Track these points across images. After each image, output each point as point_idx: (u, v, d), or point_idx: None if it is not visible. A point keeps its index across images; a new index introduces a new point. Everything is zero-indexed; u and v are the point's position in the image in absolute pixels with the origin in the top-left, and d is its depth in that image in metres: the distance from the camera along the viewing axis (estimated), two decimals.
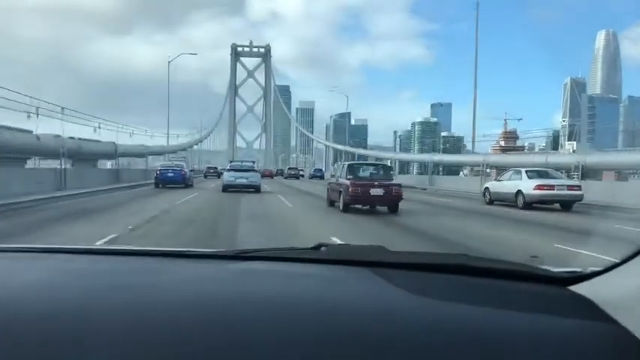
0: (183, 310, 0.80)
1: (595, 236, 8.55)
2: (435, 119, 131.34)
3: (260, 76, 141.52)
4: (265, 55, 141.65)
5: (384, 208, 12.55)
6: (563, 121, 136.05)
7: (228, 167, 23.22)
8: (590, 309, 0.84)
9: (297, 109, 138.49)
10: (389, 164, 33.13)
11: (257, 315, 0.79)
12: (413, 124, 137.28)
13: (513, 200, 15.57)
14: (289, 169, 61.49)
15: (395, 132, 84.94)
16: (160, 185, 23.64)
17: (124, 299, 0.84)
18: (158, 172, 24.62)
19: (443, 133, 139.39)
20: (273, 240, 7.87)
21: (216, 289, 0.92)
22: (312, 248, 1.17)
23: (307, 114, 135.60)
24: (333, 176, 18.82)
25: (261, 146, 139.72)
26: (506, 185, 16.31)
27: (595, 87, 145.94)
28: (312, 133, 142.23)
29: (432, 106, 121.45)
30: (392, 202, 12.28)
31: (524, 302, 0.89)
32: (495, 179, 18.58)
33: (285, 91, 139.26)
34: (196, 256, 1.19)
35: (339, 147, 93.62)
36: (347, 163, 15.18)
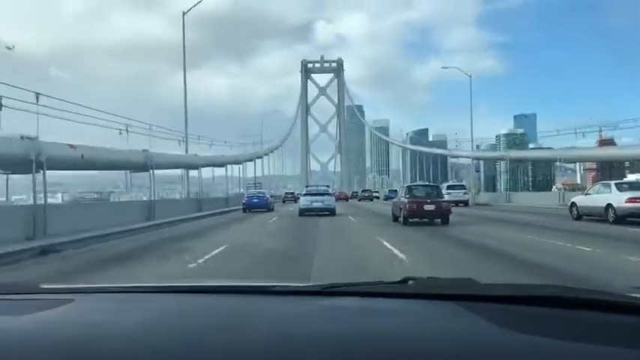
0: (277, 351, 0.84)
1: None
2: (521, 130, 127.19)
3: (332, 93, 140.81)
4: (337, 70, 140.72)
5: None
6: None
7: (304, 192, 25.62)
8: None
9: (370, 128, 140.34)
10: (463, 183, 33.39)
11: (350, 355, 0.82)
12: (497, 137, 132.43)
13: (603, 215, 15.46)
14: (363, 191, 65.89)
15: (477, 146, 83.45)
16: (247, 210, 28.56)
17: (222, 340, 0.90)
18: (246, 199, 30.21)
19: (530, 145, 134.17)
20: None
21: (308, 329, 0.95)
22: (399, 282, 1.21)
23: (381, 132, 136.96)
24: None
25: (335, 168, 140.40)
26: (595, 199, 16.19)
27: None
28: (388, 152, 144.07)
29: (515, 117, 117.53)
30: (442, 215, 16.02)
31: (623, 337, 0.86)
32: (583, 193, 18.59)
33: (358, 111, 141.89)
34: (284, 293, 1.23)
35: (423, 149, 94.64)
36: (406, 185, 19.45)
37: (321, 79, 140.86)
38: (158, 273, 7.78)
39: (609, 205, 15.22)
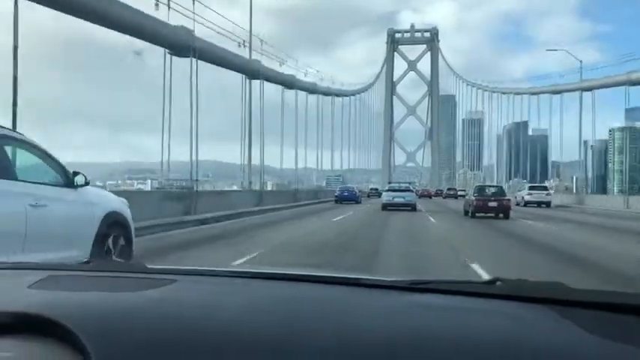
0: (368, 343, 0.90)
1: None
2: (639, 123, 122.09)
3: (424, 67, 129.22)
4: (431, 40, 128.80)
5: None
6: None
7: (387, 188, 30.54)
8: None
9: (463, 120, 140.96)
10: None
11: (433, 354, 0.87)
12: (611, 131, 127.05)
13: None
14: (448, 189, 71.13)
15: (585, 142, 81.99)
16: (339, 202, 37.55)
17: (320, 329, 0.97)
18: (338, 192, 40.08)
19: None
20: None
21: (394, 324, 1.01)
22: (487, 282, 1.27)
23: (475, 125, 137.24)
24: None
25: (424, 159, 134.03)
26: None
27: None
28: (480, 146, 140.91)
29: (627, 111, 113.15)
30: (504, 210, 21.08)
31: None
32: None
33: (449, 101, 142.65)
34: (371, 286, 1.31)
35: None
36: (476, 185, 25.74)
37: (411, 52, 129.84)
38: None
39: None
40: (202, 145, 28.09)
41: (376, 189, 63.47)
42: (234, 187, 42.37)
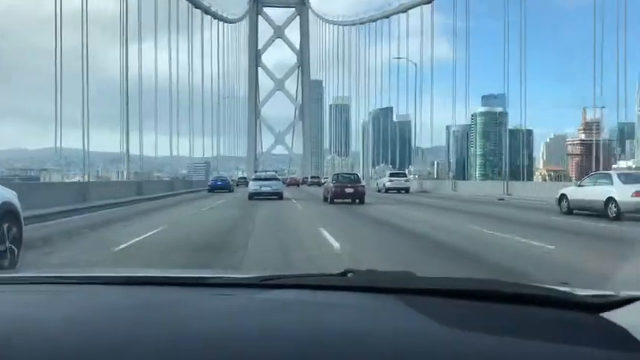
0: (208, 347, 0.91)
1: None
2: (500, 109, 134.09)
3: (292, 36, 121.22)
4: (301, 4, 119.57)
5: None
6: None
7: (253, 177, 33.26)
8: (624, 339, 0.90)
9: (330, 105, 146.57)
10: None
11: (285, 351, 0.90)
12: (473, 116, 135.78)
13: (600, 209, 15.63)
14: (312, 177, 77.37)
15: (447, 127, 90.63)
16: (212, 191, 42.02)
17: (153, 335, 0.96)
18: (212, 182, 45.03)
19: (509, 127, 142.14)
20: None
21: (242, 324, 1.03)
22: (339, 274, 1.34)
23: (342, 111, 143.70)
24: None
25: (294, 143, 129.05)
26: (592, 192, 16.35)
27: None
28: (347, 132, 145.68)
29: (484, 98, 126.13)
30: (359, 196, 24.24)
31: (553, 331, 0.98)
32: (577, 184, 18.72)
33: (317, 87, 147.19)
34: (218, 285, 1.34)
35: None
36: (333, 173, 30.44)
37: (277, 16, 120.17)
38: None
39: (610, 199, 15.23)
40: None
41: (244, 178, 67.25)
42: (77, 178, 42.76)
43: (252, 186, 29.08)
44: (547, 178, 50.19)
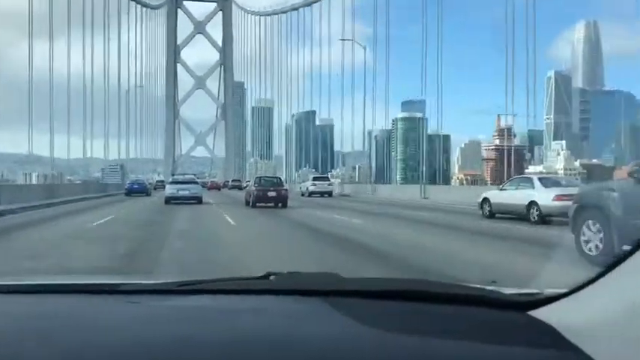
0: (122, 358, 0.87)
1: None
2: (419, 114, 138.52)
3: (215, 32, 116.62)
4: None
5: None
6: (547, 118, 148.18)
7: (170, 180, 31.74)
8: (551, 336, 0.93)
9: (252, 108, 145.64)
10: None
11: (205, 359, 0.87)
12: (394, 121, 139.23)
13: (523, 213, 15.80)
14: (233, 180, 75.34)
15: (369, 132, 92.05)
16: (129, 194, 40.08)
17: (56, 346, 0.91)
18: (128, 185, 43.19)
19: (428, 132, 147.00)
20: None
21: (156, 333, 0.99)
22: (260, 277, 1.30)
23: (265, 114, 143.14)
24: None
25: (215, 144, 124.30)
26: (514, 195, 16.54)
27: (577, 81, 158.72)
28: (270, 135, 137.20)
29: (404, 104, 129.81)
30: (282, 200, 23.89)
31: (481, 330, 1.00)
32: (499, 188, 18.73)
33: (239, 88, 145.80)
34: (132, 292, 1.28)
35: None
36: (255, 177, 28.62)
37: (198, 11, 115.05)
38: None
39: (532, 203, 15.44)
40: None
41: (162, 181, 65.44)
42: None
43: (170, 189, 27.77)
44: (464, 182, 51.83)
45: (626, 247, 3.49)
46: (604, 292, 0.92)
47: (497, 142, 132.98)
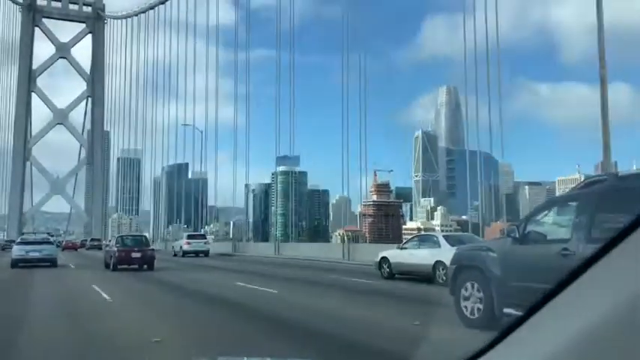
0: None
1: None
2: (299, 168, 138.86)
3: (82, 57, 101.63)
4: (96, 19, 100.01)
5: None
6: (416, 176, 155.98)
7: (18, 240, 27.26)
8: None
9: (118, 159, 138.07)
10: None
11: None
12: (274, 175, 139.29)
13: (428, 274, 14.84)
14: (92, 239, 70.68)
15: (247, 185, 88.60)
16: None
17: None
18: None
19: (309, 187, 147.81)
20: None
21: None
22: None
23: (132, 166, 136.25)
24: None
25: (75, 192, 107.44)
26: (417, 255, 15.78)
27: (442, 141, 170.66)
28: (137, 189, 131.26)
29: (278, 159, 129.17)
30: (148, 261, 21.86)
31: None
32: (398, 247, 17.82)
33: (103, 137, 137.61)
34: None
35: None
36: (117, 235, 25.29)
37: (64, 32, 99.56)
38: None
39: (439, 263, 14.32)
40: None
41: (12, 241, 57.74)
42: None
43: (17, 251, 24.39)
44: (345, 238, 51.57)
45: (507, 310, 6.67)
46: None
47: (374, 197, 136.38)
